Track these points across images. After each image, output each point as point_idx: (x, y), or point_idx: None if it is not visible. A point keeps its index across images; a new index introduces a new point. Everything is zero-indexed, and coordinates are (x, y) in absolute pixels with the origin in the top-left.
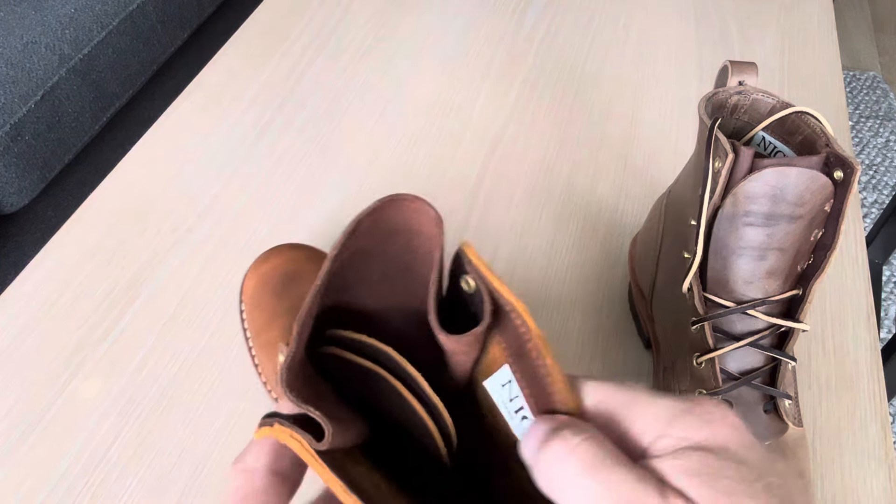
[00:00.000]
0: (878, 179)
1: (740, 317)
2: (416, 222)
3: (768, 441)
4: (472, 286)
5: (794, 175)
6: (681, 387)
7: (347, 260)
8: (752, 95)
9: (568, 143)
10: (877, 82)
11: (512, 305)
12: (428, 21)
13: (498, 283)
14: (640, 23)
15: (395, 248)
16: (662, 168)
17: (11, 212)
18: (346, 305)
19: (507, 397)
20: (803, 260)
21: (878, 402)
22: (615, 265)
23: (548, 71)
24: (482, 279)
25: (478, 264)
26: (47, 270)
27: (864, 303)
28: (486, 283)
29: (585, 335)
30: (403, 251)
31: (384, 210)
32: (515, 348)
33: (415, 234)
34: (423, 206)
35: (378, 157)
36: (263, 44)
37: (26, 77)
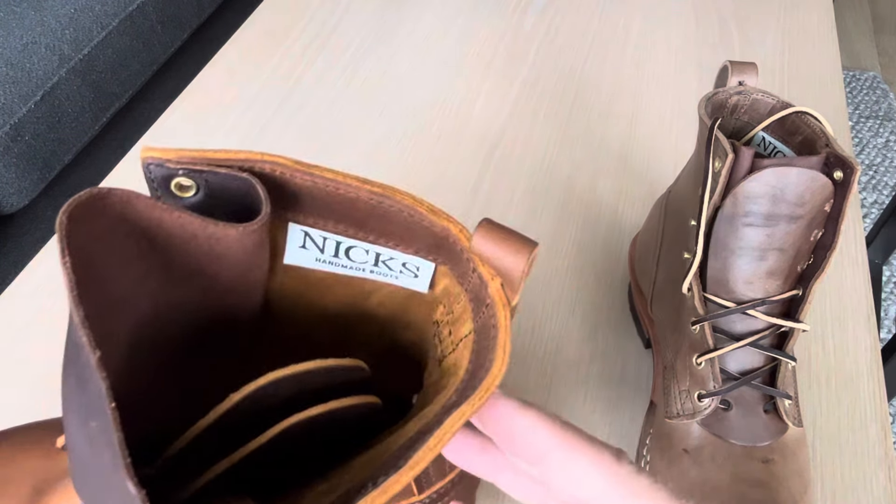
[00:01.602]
0: (878, 179)
1: (740, 317)
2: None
3: (768, 441)
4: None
5: (794, 175)
6: (681, 387)
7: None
8: (752, 95)
9: (568, 143)
10: (877, 82)
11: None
12: (428, 21)
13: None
14: (640, 23)
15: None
16: (662, 168)
17: (11, 212)
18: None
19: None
20: (803, 260)
21: (878, 402)
22: (615, 265)
23: (548, 71)
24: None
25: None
26: (47, 270)
27: (864, 303)
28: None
29: (585, 335)
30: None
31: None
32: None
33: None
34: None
35: (378, 156)
36: (263, 44)
37: (26, 77)
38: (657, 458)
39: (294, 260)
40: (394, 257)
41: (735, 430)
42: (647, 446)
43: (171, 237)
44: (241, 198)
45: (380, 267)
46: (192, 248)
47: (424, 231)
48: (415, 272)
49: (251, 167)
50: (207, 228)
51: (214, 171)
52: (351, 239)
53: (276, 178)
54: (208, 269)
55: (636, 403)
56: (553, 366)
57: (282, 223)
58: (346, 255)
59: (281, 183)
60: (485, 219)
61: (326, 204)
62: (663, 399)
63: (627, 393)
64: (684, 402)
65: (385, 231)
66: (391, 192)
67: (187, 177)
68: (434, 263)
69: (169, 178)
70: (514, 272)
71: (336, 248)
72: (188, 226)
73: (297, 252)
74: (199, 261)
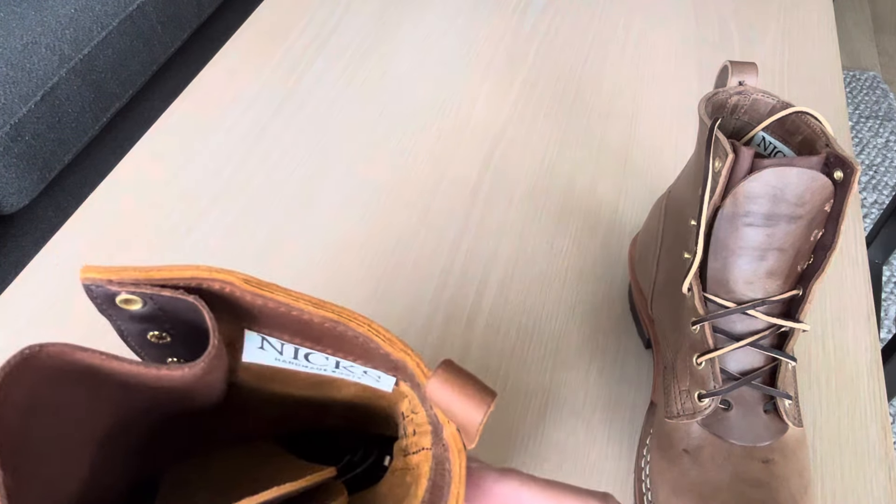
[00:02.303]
0: (878, 179)
1: (740, 317)
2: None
3: (768, 441)
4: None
5: (794, 175)
6: (681, 387)
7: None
8: (752, 95)
9: (568, 143)
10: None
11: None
12: (428, 21)
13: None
14: (640, 23)
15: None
16: (662, 168)
17: (11, 212)
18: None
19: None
20: (803, 260)
21: (878, 402)
22: (615, 265)
23: (548, 71)
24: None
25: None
26: (47, 270)
27: (864, 303)
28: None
29: (585, 335)
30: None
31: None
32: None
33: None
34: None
35: (378, 156)
36: (263, 44)
37: (26, 77)
38: (657, 458)
39: (253, 359)
40: (353, 366)
41: (735, 430)
42: (647, 446)
43: (117, 378)
44: (192, 314)
45: (341, 370)
46: (141, 382)
47: (382, 357)
48: (376, 379)
49: (199, 285)
50: (150, 373)
51: (159, 294)
52: (309, 349)
53: (226, 296)
54: (162, 398)
55: (636, 403)
56: (553, 366)
57: (238, 329)
58: (306, 358)
59: (232, 300)
60: (445, 361)
61: (280, 322)
62: (663, 399)
63: (627, 393)
64: (684, 402)
65: (342, 349)
66: (347, 318)
67: (132, 294)
68: (395, 378)
69: (112, 297)
70: (470, 424)
71: (295, 352)
72: (132, 371)
73: (255, 352)
74: (151, 393)
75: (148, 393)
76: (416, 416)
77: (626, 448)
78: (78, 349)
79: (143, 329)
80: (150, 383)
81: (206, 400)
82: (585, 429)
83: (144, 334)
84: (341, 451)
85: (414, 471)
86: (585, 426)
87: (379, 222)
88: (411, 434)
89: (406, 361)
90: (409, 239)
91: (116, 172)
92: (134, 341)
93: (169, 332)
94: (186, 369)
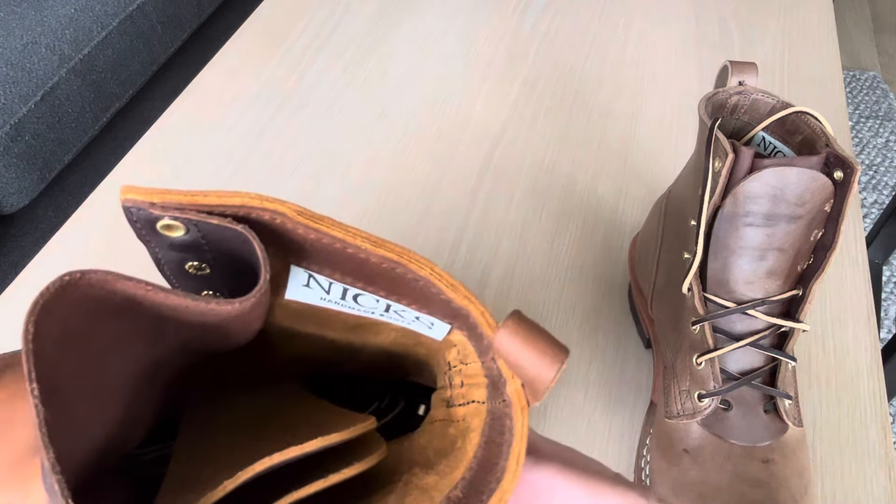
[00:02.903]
0: (878, 179)
1: (740, 317)
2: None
3: (768, 441)
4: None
5: (794, 175)
6: (681, 387)
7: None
8: (752, 95)
9: (568, 143)
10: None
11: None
12: (428, 21)
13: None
14: (640, 23)
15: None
16: (662, 168)
17: (11, 212)
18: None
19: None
20: (803, 260)
21: (878, 402)
22: (615, 265)
23: (548, 71)
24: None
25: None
26: (47, 270)
27: (864, 303)
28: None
29: (585, 335)
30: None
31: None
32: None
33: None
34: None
35: (378, 156)
36: (263, 44)
37: (26, 77)
38: (657, 458)
39: (296, 297)
40: (406, 310)
41: (735, 430)
42: (647, 446)
43: (159, 312)
44: (238, 245)
45: (390, 314)
46: (182, 318)
47: (442, 303)
48: (429, 325)
49: (247, 215)
50: (199, 306)
51: (205, 221)
52: (360, 290)
53: (276, 228)
54: (201, 331)
55: (636, 403)
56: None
57: (283, 264)
58: (355, 300)
59: (282, 232)
60: (515, 312)
61: (332, 259)
62: (663, 399)
63: (627, 393)
64: (684, 402)
65: (397, 292)
66: (408, 259)
67: (175, 220)
68: (451, 326)
69: (154, 221)
70: (540, 381)
71: (343, 292)
72: (177, 304)
73: (299, 290)
74: (191, 327)
75: (187, 329)
76: (467, 368)
77: (626, 448)
78: (121, 278)
79: (181, 258)
80: (191, 318)
81: (239, 338)
82: (585, 428)
83: (182, 264)
84: (366, 396)
85: (459, 423)
86: (585, 426)
87: (379, 222)
88: (458, 385)
89: (469, 310)
90: (409, 239)
91: (116, 172)
92: (170, 271)
93: (209, 263)
94: (237, 304)
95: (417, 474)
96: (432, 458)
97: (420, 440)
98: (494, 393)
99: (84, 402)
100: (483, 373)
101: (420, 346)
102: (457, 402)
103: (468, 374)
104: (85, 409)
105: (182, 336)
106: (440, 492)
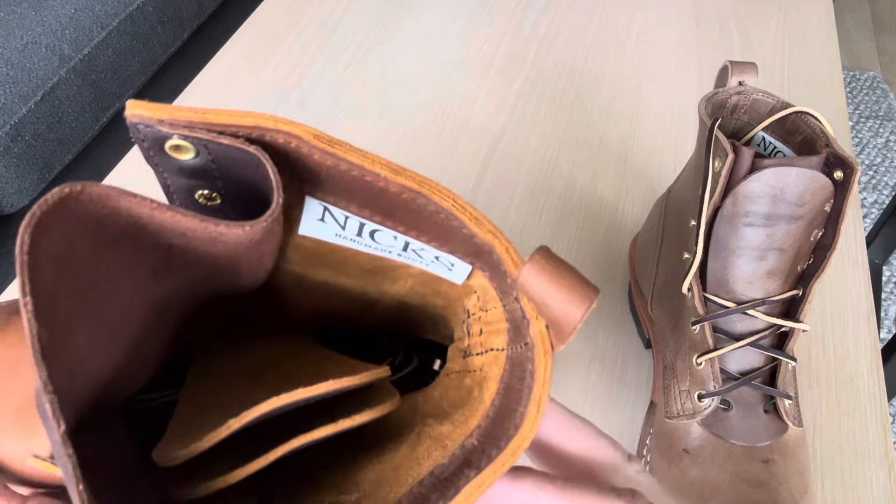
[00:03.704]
0: (878, 179)
1: (740, 317)
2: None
3: (768, 441)
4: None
5: (794, 175)
6: (681, 387)
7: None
8: (752, 95)
9: (568, 143)
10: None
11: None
12: (428, 21)
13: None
14: (640, 23)
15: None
16: (662, 168)
17: (11, 212)
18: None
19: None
20: (803, 260)
21: (878, 402)
22: (615, 265)
23: (548, 71)
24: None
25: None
26: None
27: (864, 303)
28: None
29: (585, 335)
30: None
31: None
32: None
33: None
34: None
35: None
36: (263, 44)
37: (26, 77)
38: (657, 458)
39: (310, 232)
40: (425, 248)
41: (735, 430)
42: (647, 446)
43: (165, 236)
44: (250, 169)
45: (408, 253)
46: (190, 245)
47: (464, 238)
48: (448, 266)
49: (261, 137)
50: (208, 229)
51: (215, 141)
52: (377, 224)
53: (290, 153)
54: (209, 263)
55: (636, 403)
56: (553, 366)
57: (298, 195)
58: (371, 236)
59: (296, 158)
60: (542, 247)
61: (349, 188)
62: (663, 399)
63: (627, 393)
64: (684, 402)
65: (417, 226)
66: (429, 189)
67: (184, 140)
68: (472, 266)
69: (162, 141)
70: (566, 321)
71: (360, 228)
72: (185, 225)
73: (314, 224)
74: (199, 257)
75: (195, 263)
76: (487, 314)
77: (626, 448)
78: (124, 193)
79: (191, 186)
80: (199, 247)
81: (250, 278)
82: None
83: (192, 193)
84: (379, 353)
85: (476, 374)
86: None
87: None
88: (477, 334)
89: (493, 245)
90: None
91: (116, 172)
92: (179, 200)
93: (220, 192)
94: (247, 227)
95: (431, 425)
96: (447, 409)
97: (435, 393)
98: (516, 337)
99: (84, 333)
100: (504, 317)
101: (438, 296)
102: (474, 352)
103: (488, 321)
104: (85, 339)
105: (190, 272)
106: (454, 441)
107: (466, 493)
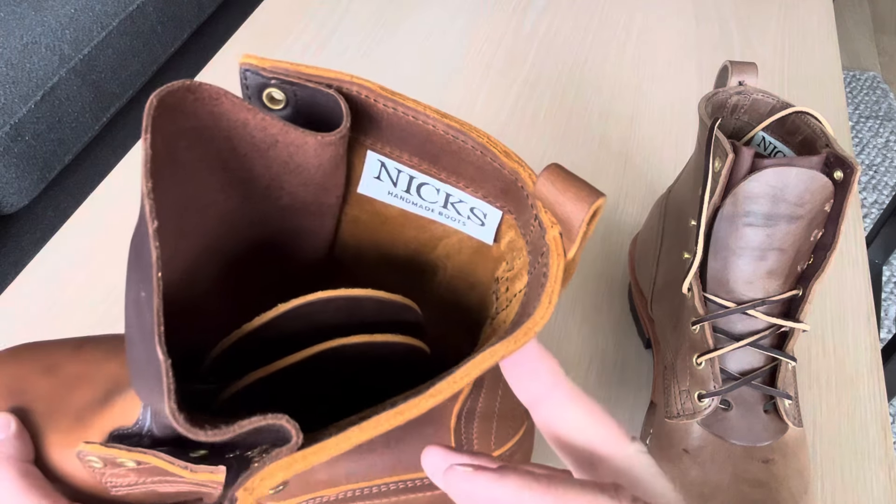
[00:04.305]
0: (878, 179)
1: (740, 317)
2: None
3: (768, 441)
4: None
5: (794, 175)
6: (681, 387)
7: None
8: (752, 95)
9: (568, 143)
10: (877, 82)
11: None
12: (428, 21)
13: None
14: (640, 23)
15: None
16: (662, 168)
17: (11, 212)
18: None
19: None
20: (803, 260)
21: (878, 402)
22: (615, 265)
23: (548, 71)
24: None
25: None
26: (47, 270)
27: (864, 303)
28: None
29: (585, 335)
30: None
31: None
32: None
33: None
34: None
35: None
36: (263, 44)
37: (26, 77)
38: (657, 458)
39: (367, 190)
40: (463, 200)
41: (735, 430)
42: (647, 446)
43: (253, 142)
44: (326, 115)
45: (448, 210)
46: (271, 156)
47: (495, 173)
48: (482, 219)
49: (339, 86)
50: (289, 134)
51: (304, 85)
52: (424, 175)
53: (359, 102)
54: (286, 182)
55: (636, 403)
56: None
57: (360, 148)
58: (418, 192)
59: (364, 107)
60: (553, 163)
61: (404, 134)
62: (663, 399)
63: (627, 393)
64: (684, 402)
65: (456, 170)
66: (468, 129)
67: (279, 88)
68: (501, 212)
69: (262, 87)
70: (574, 220)
71: (409, 182)
72: (270, 129)
73: (371, 182)
74: (278, 172)
75: (274, 176)
76: (512, 272)
77: None
78: (228, 94)
79: None
80: (281, 155)
81: (318, 227)
82: None
83: None
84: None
85: (500, 325)
86: None
87: None
88: (503, 292)
89: (519, 172)
90: None
91: (116, 172)
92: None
93: None
94: (320, 137)
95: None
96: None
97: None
98: (535, 258)
99: (170, 223)
100: (527, 251)
101: (472, 289)
102: (501, 308)
103: (514, 275)
104: (170, 229)
105: (268, 182)
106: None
107: (479, 359)
